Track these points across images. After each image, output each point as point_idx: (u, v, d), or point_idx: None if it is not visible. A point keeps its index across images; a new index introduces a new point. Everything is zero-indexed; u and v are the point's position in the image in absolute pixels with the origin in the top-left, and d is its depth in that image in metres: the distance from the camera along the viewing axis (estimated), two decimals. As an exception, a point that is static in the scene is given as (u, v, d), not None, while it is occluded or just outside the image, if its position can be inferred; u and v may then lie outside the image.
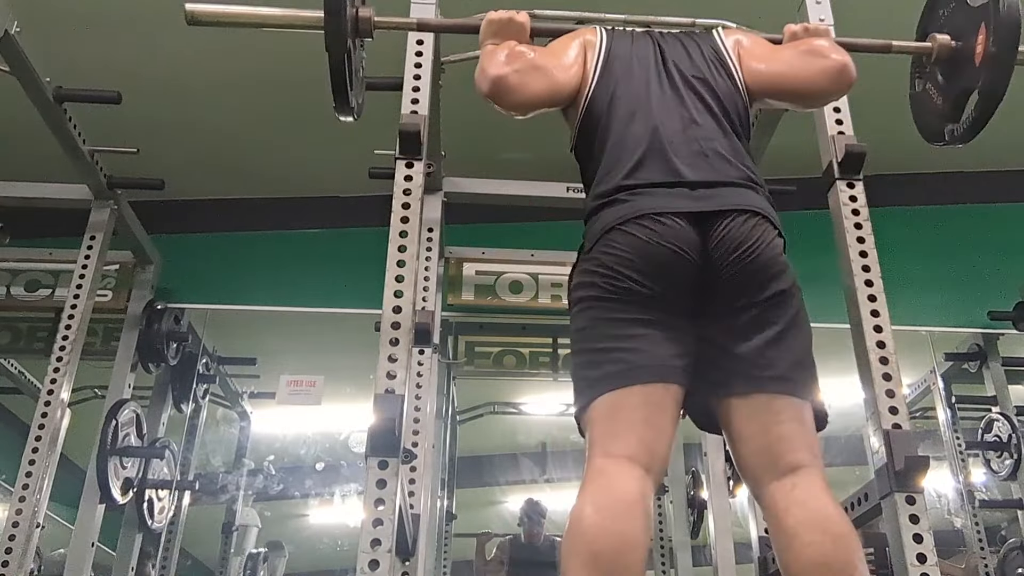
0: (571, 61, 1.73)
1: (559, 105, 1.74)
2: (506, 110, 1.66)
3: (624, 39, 1.80)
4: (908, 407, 1.76)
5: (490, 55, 1.68)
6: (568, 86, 1.71)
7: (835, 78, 1.68)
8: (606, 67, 1.73)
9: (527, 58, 1.67)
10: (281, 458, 4.30)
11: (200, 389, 3.88)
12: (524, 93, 1.65)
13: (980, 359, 3.91)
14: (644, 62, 1.74)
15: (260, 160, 3.98)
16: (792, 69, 1.73)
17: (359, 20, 1.79)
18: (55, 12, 3.03)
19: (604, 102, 1.69)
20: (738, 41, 1.81)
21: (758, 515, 2.41)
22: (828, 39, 1.76)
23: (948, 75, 1.91)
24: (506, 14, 1.78)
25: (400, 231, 1.78)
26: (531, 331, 3.80)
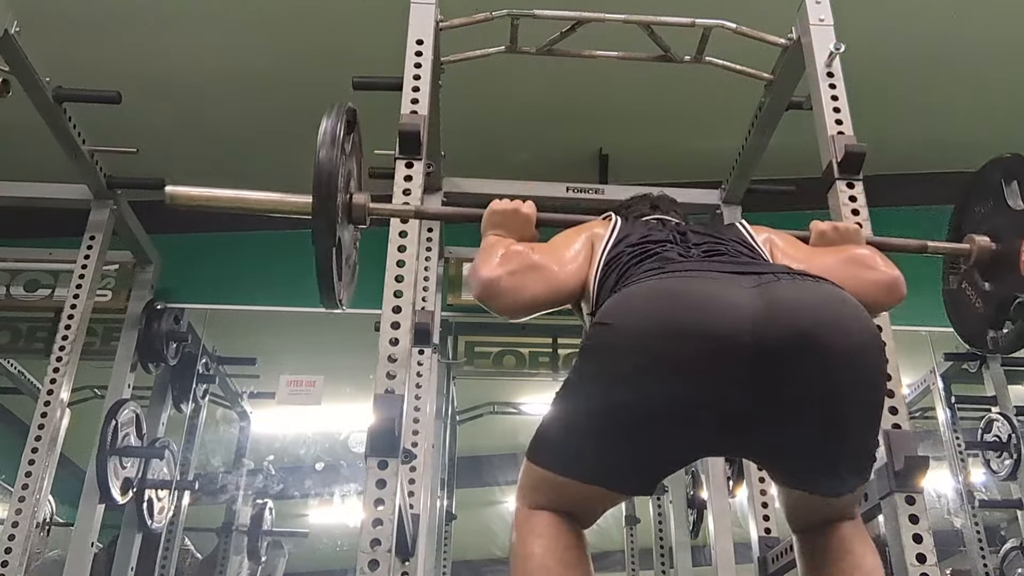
0: (573, 256, 1.55)
1: (561, 304, 1.56)
2: (499, 314, 1.51)
3: (638, 224, 1.63)
4: (908, 407, 1.76)
5: (485, 252, 1.54)
6: (569, 284, 1.53)
7: (887, 293, 1.52)
8: (615, 247, 1.53)
9: (524, 257, 1.51)
10: (281, 458, 4.30)
11: (200, 389, 3.88)
12: (519, 297, 1.48)
13: (980, 359, 3.90)
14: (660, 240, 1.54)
15: (260, 160, 3.98)
16: (836, 278, 1.40)
17: (352, 207, 1.66)
18: (55, 12, 3.03)
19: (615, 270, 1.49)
20: (769, 239, 1.63)
21: (758, 515, 2.41)
22: (869, 248, 1.62)
23: (989, 278, 1.85)
24: (510, 205, 1.65)
25: (400, 231, 1.78)
26: (531, 331, 3.80)
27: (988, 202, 1.85)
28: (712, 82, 2.69)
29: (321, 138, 1.53)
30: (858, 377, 1.23)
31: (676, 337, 1.20)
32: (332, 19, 3.21)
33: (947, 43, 3.29)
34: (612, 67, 2.57)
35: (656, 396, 1.21)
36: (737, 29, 2.26)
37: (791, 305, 1.21)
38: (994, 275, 1.82)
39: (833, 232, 1.67)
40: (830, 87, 2.07)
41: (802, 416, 1.22)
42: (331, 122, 1.55)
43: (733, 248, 1.51)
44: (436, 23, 2.16)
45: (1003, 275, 1.78)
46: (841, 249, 1.60)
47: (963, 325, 1.97)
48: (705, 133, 3.71)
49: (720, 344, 1.17)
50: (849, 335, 1.22)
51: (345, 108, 1.60)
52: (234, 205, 1.69)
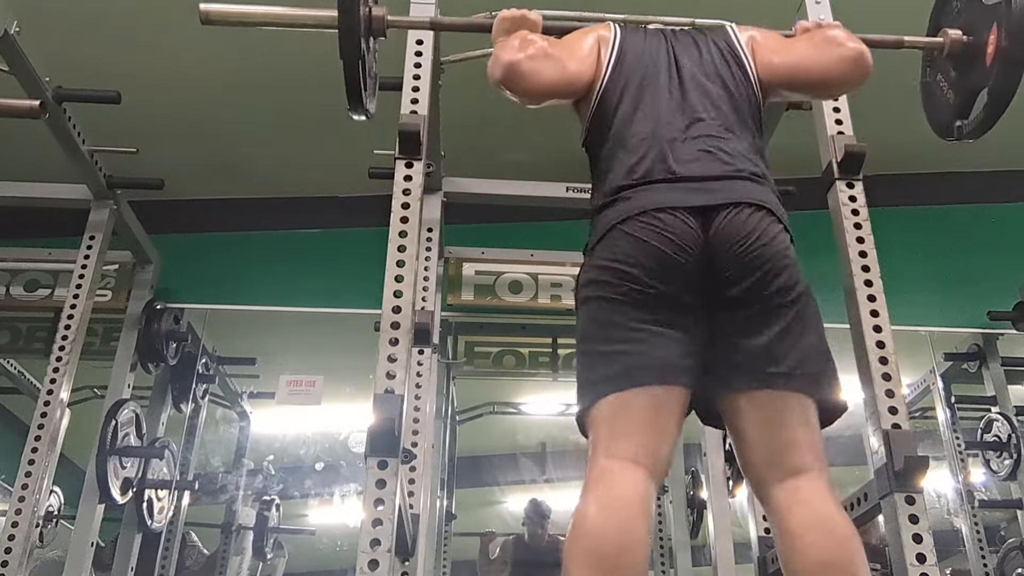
0: (585, 53, 1.72)
1: (572, 96, 1.73)
2: (519, 97, 1.65)
3: (637, 35, 1.80)
4: (908, 407, 1.76)
5: (503, 43, 1.69)
6: (581, 77, 1.70)
7: (852, 66, 1.66)
8: (619, 62, 1.72)
9: (541, 45, 1.67)
10: (281, 458, 4.30)
11: (200, 389, 3.88)
12: (537, 80, 1.64)
13: (980, 359, 3.91)
14: (655, 59, 1.74)
15: (260, 160, 3.98)
16: (808, 59, 1.71)
17: (372, 19, 1.80)
18: (55, 12, 3.03)
19: (614, 98, 1.69)
20: (751, 36, 1.81)
21: (758, 515, 2.41)
22: (842, 29, 1.76)
23: (959, 71, 1.91)
24: (518, 12, 1.79)
25: (400, 231, 1.78)
26: (531, 331, 3.80)
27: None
28: (712, 82, 2.68)
29: None
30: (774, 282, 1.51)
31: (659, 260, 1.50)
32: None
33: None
34: (612, 67, 2.57)
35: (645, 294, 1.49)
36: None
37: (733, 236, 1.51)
38: (964, 67, 1.89)
39: (816, 28, 1.81)
40: (830, 87, 2.07)
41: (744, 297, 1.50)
42: None
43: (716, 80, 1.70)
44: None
45: (972, 67, 1.85)
46: (815, 33, 1.77)
47: (933, 115, 2.03)
48: (705, 133, 3.70)
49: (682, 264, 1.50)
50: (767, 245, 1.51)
51: None
52: (264, 20, 1.84)
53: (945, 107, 1.96)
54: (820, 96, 1.97)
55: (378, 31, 1.82)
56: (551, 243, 3.62)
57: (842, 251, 1.91)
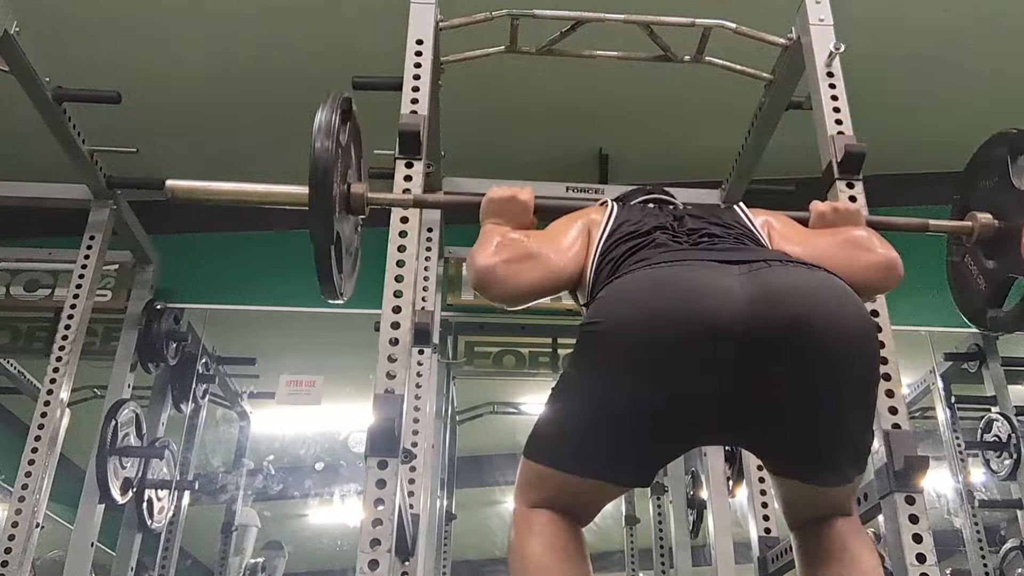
0: (570, 243, 1.55)
1: (558, 291, 1.56)
2: (496, 302, 1.51)
3: (634, 210, 1.63)
4: (908, 407, 1.76)
5: (482, 242, 1.54)
6: (566, 271, 1.52)
7: (884, 275, 1.51)
8: (611, 235, 1.53)
9: (520, 245, 1.51)
10: (281, 458, 4.30)
11: (200, 389, 3.88)
12: (514, 284, 1.47)
13: (979, 359, 3.90)
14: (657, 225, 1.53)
15: (260, 160, 3.97)
16: (832, 260, 1.44)
17: (351, 197, 1.64)
18: (55, 12, 3.03)
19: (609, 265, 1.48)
20: (767, 221, 1.63)
21: (758, 515, 2.41)
22: (867, 229, 1.61)
23: (990, 256, 1.83)
24: (508, 192, 1.65)
25: (400, 231, 1.78)
26: (531, 331, 3.80)
27: (992, 178, 1.82)
28: (712, 82, 2.69)
29: (316, 128, 1.51)
30: (853, 364, 1.23)
31: (667, 327, 1.19)
32: (332, 19, 3.21)
33: (947, 43, 3.29)
34: (612, 67, 2.58)
35: (650, 388, 1.22)
36: (737, 29, 2.26)
37: (785, 291, 1.21)
38: (995, 253, 1.80)
39: (833, 213, 1.65)
40: (830, 87, 2.07)
41: (797, 404, 1.22)
42: (326, 112, 1.54)
43: (728, 232, 1.51)
44: (436, 23, 2.16)
45: (1004, 254, 1.77)
46: (838, 231, 1.59)
47: (964, 301, 1.96)
48: (705, 133, 3.71)
49: (712, 332, 1.17)
50: (844, 321, 1.22)
51: (340, 98, 1.59)
52: (232, 197, 1.68)
53: (976, 293, 1.88)
54: None
55: (357, 210, 1.66)
56: (551, 243, 3.62)
57: (842, 251, 1.90)
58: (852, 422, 1.29)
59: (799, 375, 1.19)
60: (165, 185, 1.62)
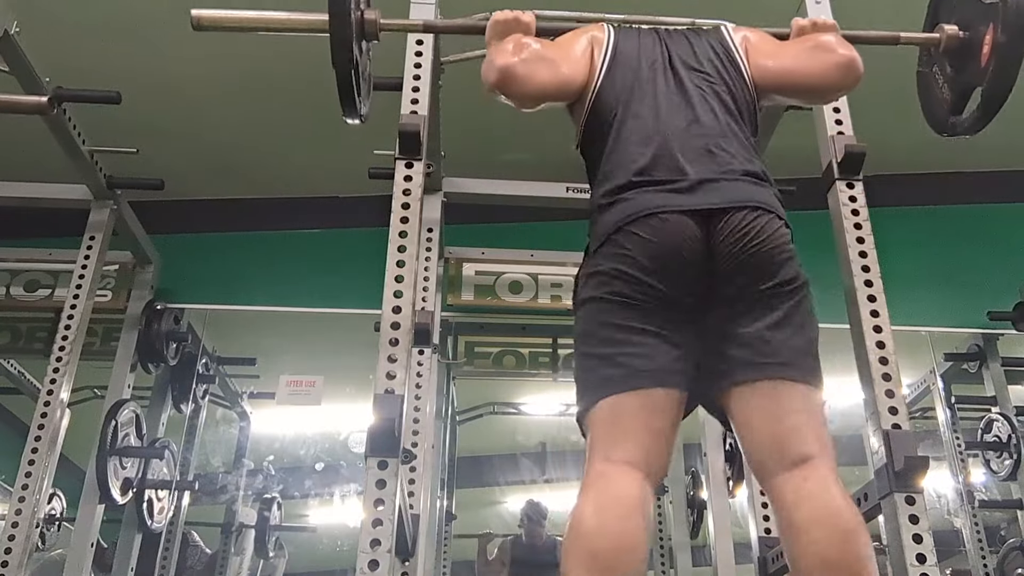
0: (578, 55, 1.72)
1: (566, 99, 1.73)
2: (513, 100, 1.66)
3: (631, 36, 1.80)
4: (908, 407, 1.76)
5: (497, 47, 1.69)
6: (575, 79, 1.70)
7: (843, 73, 1.68)
8: (613, 63, 1.72)
9: (534, 48, 1.67)
10: (281, 458, 4.30)
11: (200, 389, 3.88)
12: (531, 83, 1.64)
13: (980, 359, 3.90)
14: (650, 59, 1.74)
15: (260, 160, 3.98)
16: (799, 64, 1.73)
17: (365, 23, 1.77)
18: (55, 13, 3.03)
19: (610, 99, 1.69)
20: (745, 37, 1.82)
21: (758, 515, 2.41)
22: (835, 34, 1.76)
23: (955, 67, 1.90)
24: (511, 14, 1.78)
25: (400, 231, 1.78)
26: (531, 331, 3.80)
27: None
28: (712, 82, 2.68)
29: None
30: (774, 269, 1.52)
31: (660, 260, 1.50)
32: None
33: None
34: (612, 67, 2.57)
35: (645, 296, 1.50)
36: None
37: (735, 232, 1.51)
38: (959, 64, 1.88)
39: (811, 27, 1.81)
40: (830, 87, 2.07)
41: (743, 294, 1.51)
42: None
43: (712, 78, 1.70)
44: (436, 23, 2.16)
45: (967, 65, 1.84)
46: (808, 38, 1.77)
47: (929, 109, 2.02)
48: (705, 133, 3.70)
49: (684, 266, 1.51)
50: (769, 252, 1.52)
51: None
52: (255, 25, 1.82)
53: (940, 102, 1.95)
54: (811, 101, 1.98)
55: (371, 35, 1.80)
56: (551, 243, 3.62)
57: (842, 251, 1.91)
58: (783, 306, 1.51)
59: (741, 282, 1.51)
60: (191, 14, 1.75)
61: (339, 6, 1.63)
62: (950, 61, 1.91)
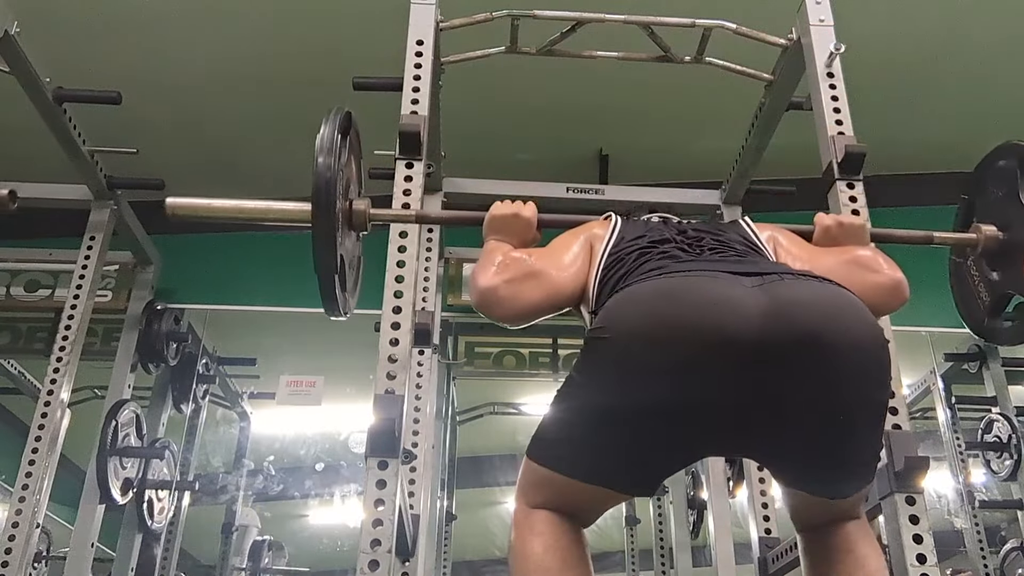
0: (571, 260, 1.53)
1: (560, 308, 1.54)
2: (498, 322, 1.51)
3: (638, 224, 1.61)
4: (908, 407, 1.76)
5: (484, 262, 1.54)
6: (568, 288, 1.51)
7: (889, 296, 1.50)
8: (615, 248, 1.52)
9: (521, 264, 1.51)
10: (281, 458, 4.30)
11: (200, 389, 3.88)
12: (516, 304, 1.48)
13: (980, 359, 3.90)
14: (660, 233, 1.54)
15: (260, 160, 3.98)
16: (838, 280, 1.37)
17: (352, 214, 1.63)
18: (55, 12, 3.03)
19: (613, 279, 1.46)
20: (772, 236, 1.61)
21: (758, 515, 2.41)
22: (872, 249, 1.60)
23: (993, 268, 1.82)
24: (511, 209, 1.64)
25: (400, 231, 1.78)
26: (531, 331, 3.76)
27: (999, 189, 1.80)
28: (712, 82, 2.69)
29: (318, 146, 1.51)
30: (864, 377, 1.22)
31: (677, 336, 1.18)
32: (332, 19, 3.21)
33: (947, 43, 3.28)
34: (612, 67, 2.57)
35: (659, 397, 1.20)
36: (737, 29, 2.26)
37: (797, 303, 1.19)
38: (998, 266, 1.79)
39: (838, 228, 1.65)
40: (830, 87, 2.07)
41: (806, 416, 1.20)
42: (328, 129, 1.54)
43: (735, 245, 1.50)
44: (436, 23, 2.16)
45: (1006, 269, 1.76)
46: (844, 250, 1.58)
47: (964, 306, 1.96)
48: (705, 133, 3.71)
49: (723, 344, 1.15)
50: (855, 334, 1.20)
51: (341, 114, 1.59)
52: (234, 215, 1.67)
53: (976, 300, 1.88)
54: None
55: (359, 226, 1.64)
56: (551, 243, 3.62)
57: (842, 251, 1.90)
58: (862, 437, 1.27)
59: (811, 390, 1.18)
60: (166, 203, 1.60)
61: (323, 198, 1.48)
62: (988, 262, 1.82)
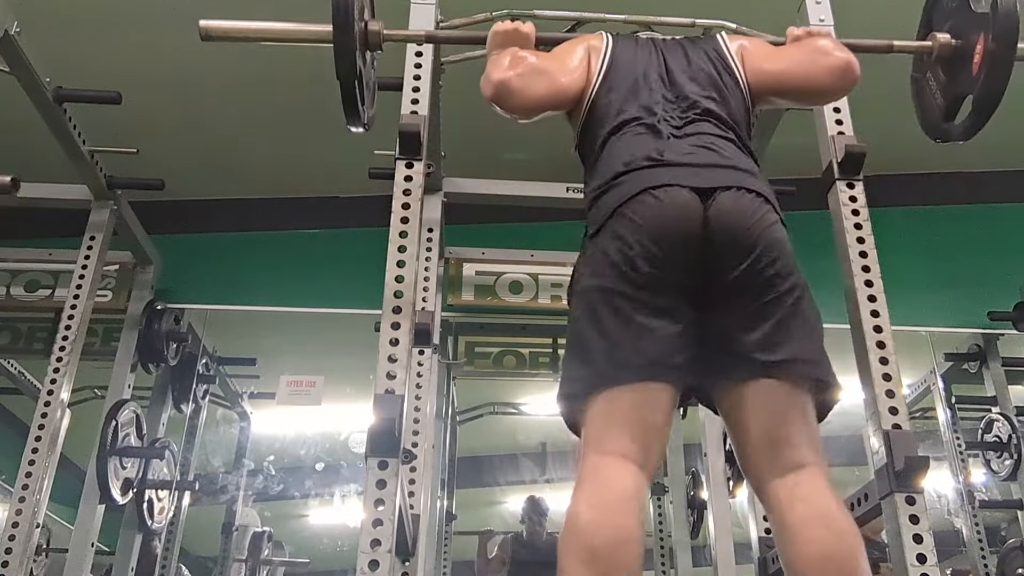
0: (575, 64, 1.76)
1: (563, 107, 1.76)
2: (510, 113, 1.69)
3: (628, 44, 1.83)
4: (908, 407, 1.76)
5: (494, 61, 1.71)
6: (571, 88, 1.73)
7: (839, 75, 1.70)
8: (610, 70, 1.75)
9: (530, 62, 1.71)
10: (281, 458, 4.30)
11: (200, 389, 3.88)
12: (527, 96, 1.68)
13: (980, 359, 3.91)
14: (646, 66, 1.76)
15: (260, 160, 3.98)
16: (796, 67, 1.76)
17: (368, 33, 1.79)
18: (55, 12, 3.03)
19: (605, 103, 1.72)
20: (742, 44, 1.84)
21: (758, 515, 2.41)
22: (829, 38, 1.79)
23: (947, 74, 1.91)
24: (511, 25, 1.82)
25: (400, 231, 1.78)
26: (531, 331, 3.80)
27: (954, 2, 1.91)
28: (712, 82, 2.68)
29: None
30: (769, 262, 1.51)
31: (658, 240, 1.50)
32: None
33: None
34: (612, 67, 2.57)
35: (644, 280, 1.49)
36: (737, 29, 2.26)
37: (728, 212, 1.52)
38: (951, 71, 1.89)
39: (806, 35, 1.83)
40: (830, 87, 2.07)
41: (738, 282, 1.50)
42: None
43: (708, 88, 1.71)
44: (436, 23, 2.16)
45: (959, 72, 1.85)
46: (805, 43, 1.80)
47: (922, 115, 2.03)
48: (705, 133, 3.70)
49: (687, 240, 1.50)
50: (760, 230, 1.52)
51: None
52: (262, 35, 1.86)
53: (933, 108, 1.96)
54: (808, 103, 2.01)
55: (374, 45, 1.81)
56: (551, 243, 3.62)
57: (842, 251, 1.91)
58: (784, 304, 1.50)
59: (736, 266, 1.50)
60: (199, 24, 1.75)
61: (343, 18, 1.66)
62: (943, 68, 1.92)
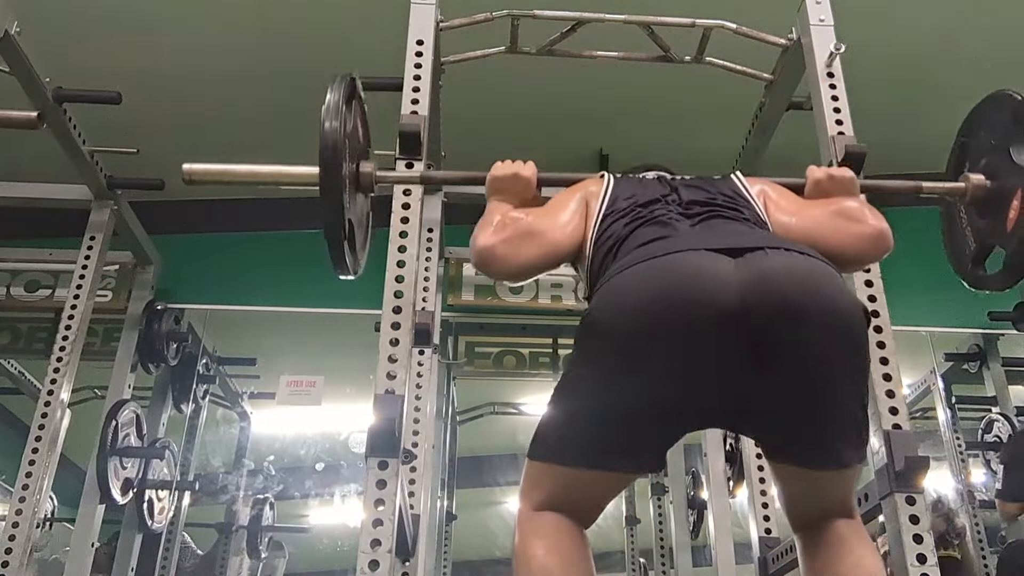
0: (568, 218, 1.60)
1: (557, 264, 1.60)
2: (497, 280, 1.59)
3: (632, 181, 1.67)
4: (908, 407, 1.76)
5: (483, 223, 1.60)
6: (565, 244, 1.58)
7: (871, 245, 1.55)
8: (611, 207, 1.58)
9: (520, 224, 1.57)
10: (281, 458, 4.30)
11: (200, 389, 3.89)
12: (512, 264, 1.54)
13: (980, 359, 3.91)
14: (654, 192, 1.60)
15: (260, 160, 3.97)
16: (823, 230, 1.54)
17: (360, 176, 1.69)
18: (55, 12, 3.03)
19: (610, 234, 1.54)
20: (763, 190, 1.66)
21: (758, 515, 2.41)
22: (859, 200, 1.64)
23: (980, 215, 1.81)
24: (510, 169, 1.71)
25: (400, 231, 1.79)
26: (531, 331, 3.81)
27: (990, 139, 1.80)
28: (712, 82, 2.69)
29: (324, 111, 1.57)
30: (843, 342, 1.28)
31: (666, 312, 1.25)
32: (332, 19, 3.21)
33: (948, 43, 3.29)
34: (612, 67, 2.57)
35: (651, 375, 1.26)
36: (737, 29, 2.26)
37: (778, 275, 1.26)
38: (985, 217, 1.80)
39: (828, 181, 1.67)
40: (830, 87, 2.07)
41: (791, 381, 1.26)
42: (333, 96, 1.60)
43: (726, 203, 1.55)
44: (436, 23, 2.16)
45: (993, 222, 1.76)
46: (832, 201, 1.62)
47: (951, 248, 1.97)
48: (705, 133, 3.70)
49: (709, 315, 1.23)
50: (833, 303, 1.27)
51: (346, 80, 1.63)
52: (248, 178, 1.76)
53: (963, 247, 1.88)
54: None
55: (366, 187, 1.71)
56: (551, 243, 3.62)
57: (842, 251, 1.90)
58: (844, 403, 1.32)
59: (793, 358, 1.25)
60: (183, 168, 1.70)
61: (330, 160, 1.55)
62: (976, 211, 1.83)
